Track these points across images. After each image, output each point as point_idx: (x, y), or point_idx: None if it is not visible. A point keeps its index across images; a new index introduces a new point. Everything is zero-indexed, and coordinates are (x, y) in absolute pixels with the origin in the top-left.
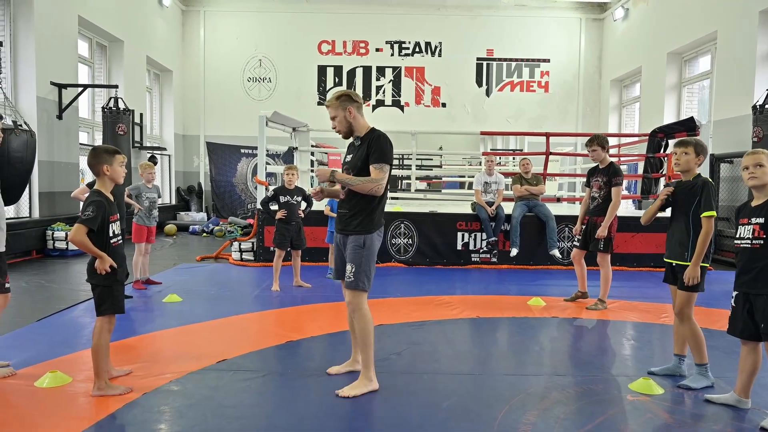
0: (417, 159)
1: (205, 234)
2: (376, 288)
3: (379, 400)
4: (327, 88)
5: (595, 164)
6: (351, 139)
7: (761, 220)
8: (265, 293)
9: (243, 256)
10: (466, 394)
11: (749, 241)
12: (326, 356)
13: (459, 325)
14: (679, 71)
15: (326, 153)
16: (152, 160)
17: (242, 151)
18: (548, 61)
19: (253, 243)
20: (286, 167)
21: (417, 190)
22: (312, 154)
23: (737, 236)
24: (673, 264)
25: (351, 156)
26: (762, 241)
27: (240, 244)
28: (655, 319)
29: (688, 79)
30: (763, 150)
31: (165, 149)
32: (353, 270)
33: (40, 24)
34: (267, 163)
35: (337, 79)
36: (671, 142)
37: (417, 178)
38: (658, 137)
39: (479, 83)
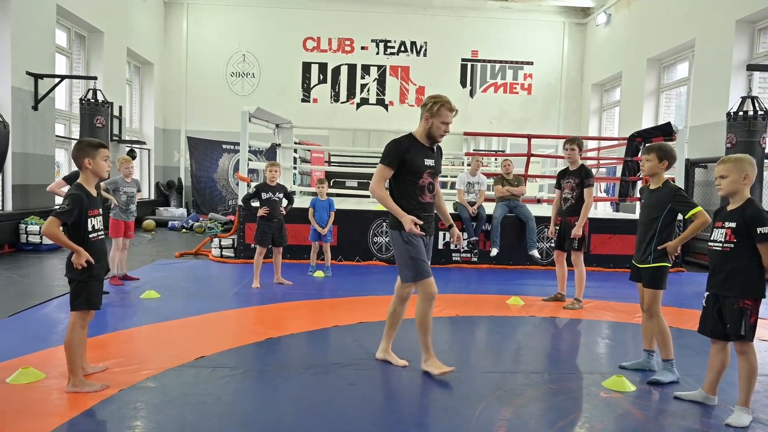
0: None
1: (184, 230)
2: (357, 286)
3: (358, 396)
4: (311, 85)
5: (564, 167)
6: (416, 144)
7: (733, 225)
8: (245, 290)
9: (223, 253)
10: (444, 390)
11: (720, 244)
12: (306, 353)
13: (439, 323)
14: (658, 77)
15: (309, 150)
16: (131, 154)
17: (224, 146)
18: (532, 63)
19: (233, 240)
20: (268, 164)
21: None
22: (295, 151)
23: (711, 239)
24: (638, 265)
25: (433, 161)
26: (732, 245)
27: (220, 241)
28: (629, 318)
29: (666, 85)
30: (729, 158)
31: (144, 143)
32: None
33: (16, 11)
34: (249, 160)
35: (321, 76)
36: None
37: None
38: (636, 141)
39: (463, 84)
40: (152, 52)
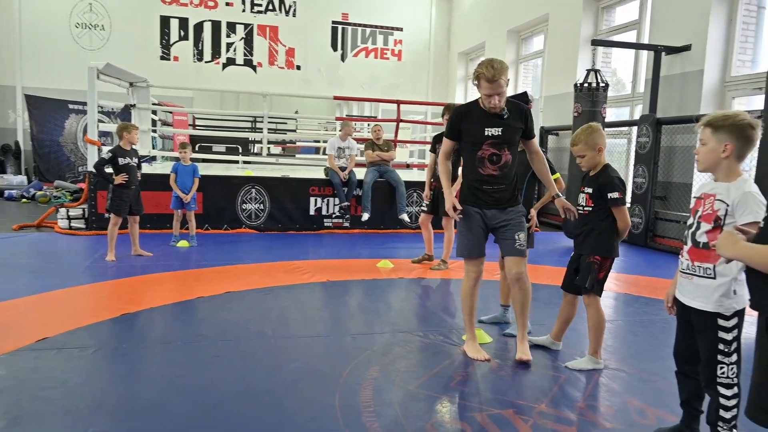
0: (270, 122)
1: (25, 200)
2: (225, 255)
3: (221, 369)
4: (171, 42)
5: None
6: (467, 110)
7: (590, 190)
8: (98, 264)
9: (72, 224)
10: (313, 355)
11: (582, 207)
12: (167, 328)
13: (309, 289)
14: (517, 48)
15: (170, 112)
16: None
17: (71, 106)
18: (401, 29)
19: (84, 209)
20: (126, 125)
21: (270, 155)
22: (154, 112)
23: (577, 202)
24: None
25: (500, 130)
26: (591, 209)
27: (68, 211)
28: (488, 276)
29: (524, 56)
30: (579, 138)
31: None
32: (524, 238)
33: None
34: (100, 121)
35: (182, 33)
36: None
37: (270, 143)
38: None
39: (334, 47)
40: None
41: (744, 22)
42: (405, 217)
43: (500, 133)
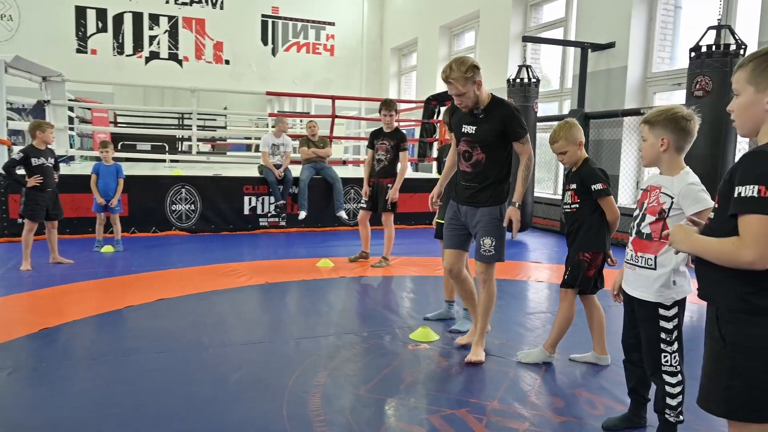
0: (199, 119)
1: None
2: (154, 260)
3: (158, 382)
4: (88, 34)
5: (376, 128)
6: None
7: (574, 186)
8: (11, 274)
9: None
10: (256, 363)
11: (569, 206)
12: (93, 341)
13: (247, 293)
14: (449, 44)
15: (89, 109)
16: None
17: None
18: (333, 24)
19: None
20: (38, 123)
21: (200, 153)
22: (71, 109)
23: (563, 202)
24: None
25: (474, 128)
26: (577, 205)
27: None
28: (431, 272)
29: (456, 51)
30: (558, 134)
31: None
32: (494, 243)
33: None
34: (9, 119)
35: (100, 24)
36: (443, 108)
37: (200, 140)
38: (432, 104)
39: (264, 41)
40: None
41: (663, 21)
42: (343, 214)
43: (473, 132)
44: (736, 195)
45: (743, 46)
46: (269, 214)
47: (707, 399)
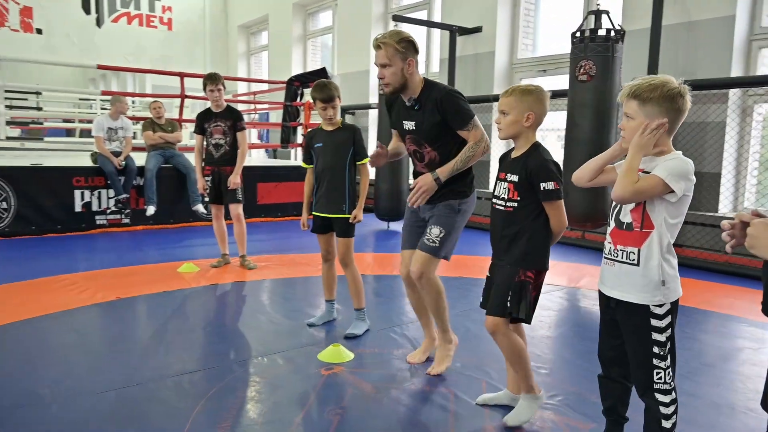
0: (6, 97)
1: None
2: None
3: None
4: None
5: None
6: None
7: (515, 178)
8: None
9: None
10: (124, 419)
11: (503, 203)
12: None
13: (94, 314)
14: (304, 23)
15: None
16: None
17: None
18: None
19: None
20: None
21: (9, 138)
22: None
23: (493, 194)
24: (331, 217)
25: (413, 123)
26: (515, 204)
27: None
28: (315, 272)
29: (312, 32)
30: (515, 88)
31: None
32: (441, 235)
33: None
34: None
35: None
36: (306, 90)
37: (8, 123)
38: (294, 85)
39: (87, 10)
40: None
41: (526, 8)
42: (200, 207)
43: (414, 128)
44: None
45: (622, 32)
46: (108, 211)
47: None
